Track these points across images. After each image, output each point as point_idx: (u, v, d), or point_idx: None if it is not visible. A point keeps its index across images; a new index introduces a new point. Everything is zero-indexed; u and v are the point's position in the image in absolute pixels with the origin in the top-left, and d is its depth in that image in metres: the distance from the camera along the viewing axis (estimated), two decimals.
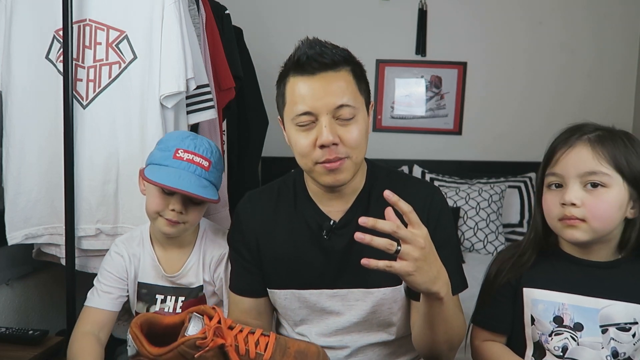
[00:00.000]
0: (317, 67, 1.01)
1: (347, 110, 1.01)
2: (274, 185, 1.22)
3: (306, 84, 1.02)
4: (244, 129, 2.42)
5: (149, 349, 0.78)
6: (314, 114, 1.02)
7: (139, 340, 0.79)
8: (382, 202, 1.12)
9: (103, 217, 1.62)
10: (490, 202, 2.78)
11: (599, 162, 0.95)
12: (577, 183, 0.97)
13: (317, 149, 1.02)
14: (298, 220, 1.15)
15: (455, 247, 1.15)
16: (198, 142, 1.26)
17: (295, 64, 1.03)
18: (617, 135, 0.99)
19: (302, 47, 1.03)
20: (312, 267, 1.12)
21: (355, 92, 1.04)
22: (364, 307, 1.12)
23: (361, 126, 1.04)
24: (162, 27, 1.58)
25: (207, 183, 1.24)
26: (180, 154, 1.23)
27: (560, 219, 0.99)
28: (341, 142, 1.02)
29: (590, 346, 0.99)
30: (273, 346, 0.83)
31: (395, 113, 3.17)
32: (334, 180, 1.05)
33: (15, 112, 1.60)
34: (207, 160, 1.25)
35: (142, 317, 0.83)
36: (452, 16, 3.11)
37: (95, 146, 1.60)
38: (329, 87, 1.01)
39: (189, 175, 1.21)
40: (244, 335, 0.83)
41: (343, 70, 1.03)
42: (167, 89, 1.58)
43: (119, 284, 1.33)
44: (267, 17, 3.10)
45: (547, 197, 1.02)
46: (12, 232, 1.61)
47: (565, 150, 0.98)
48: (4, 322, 1.77)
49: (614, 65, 3.12)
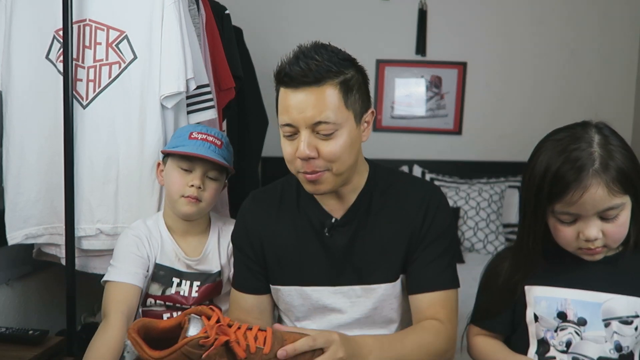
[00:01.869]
0: (300, 82, 1.01)
1: (325, 126, 1.01)
2: (277, 184, 1.24)
3: (289, 96, 1.02)
4: (244, 129, 2.42)
5: (150, 353, 0.78)
6: (294, 127, 1.03)
7: (139, 345, 0.79)
8: (383, 201, 1.14)
9: (103, 217, 1.61)
10: (490, 202, 2.78)
11: (615, 197, 0.93)
12: (595, 218, 0.96)
13: (298, 159, 1.04)
14: (301, 218, 1.16)
15: (449, 245, 1.15)
16: (209, 129, 1.41)
17: (278, 76, 1.04)
18: (610, 145, 0.95)
19: (288, 60, 1.03)
20: (314, 264, 1.14)
21: (338, 108, 1.02)
22: (367, 303, 1.13)
23: (344, 140, 1.03)
24: (162, 27, 1.57)
25: (221, 158, 1.37)
26: (195, 134, 1.37)
27: (580, 248, 0.99)
28: (319, 155, 1.03)
29: (593, 340, 1.00)
30: (271, 340, 0.85)
31: (395, 113, 3.18)
32: (314, 190, 1.08)
33: (16, 112, 1.59)
34: (220, 140, 1.38)
35: (138, 323, 0.83)
36: (452, 16, 3.11)
37: (95, 146, 1.60)
38: (309, 102, 1.00)
39: (205, 148, 1.35)
40: (243, 331, 0.84)
41: (327, 84, 1.01)
42: (167, 89, 1.58)
43: (139, 262, 1.34)
44: (267, 17, 3.10)
45: (562, 229, 0.99)
46: (12, 232, 1.61)
47: (580, 193, 0.93)
48: (4, 322, 1.77)
49: (614, 65, 3.12)
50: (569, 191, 0.93)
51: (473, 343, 1.14)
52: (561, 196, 0.95)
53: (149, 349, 0.78)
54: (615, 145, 0.96)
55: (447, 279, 1.12)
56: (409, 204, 1.13)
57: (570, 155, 0.94)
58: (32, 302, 1.93)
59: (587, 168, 0.93)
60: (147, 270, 1.36)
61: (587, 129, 0.98)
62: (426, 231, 1.12)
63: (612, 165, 0.93)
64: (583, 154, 0.94)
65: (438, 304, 1.09)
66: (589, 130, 0.98)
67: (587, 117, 1.05)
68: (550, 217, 1.00)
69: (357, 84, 1.06)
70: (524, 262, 1.05)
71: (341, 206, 1.15)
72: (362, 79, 1.08)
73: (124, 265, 1.33)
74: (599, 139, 0.96)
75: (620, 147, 0.96)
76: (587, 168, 0.93)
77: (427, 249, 1.11)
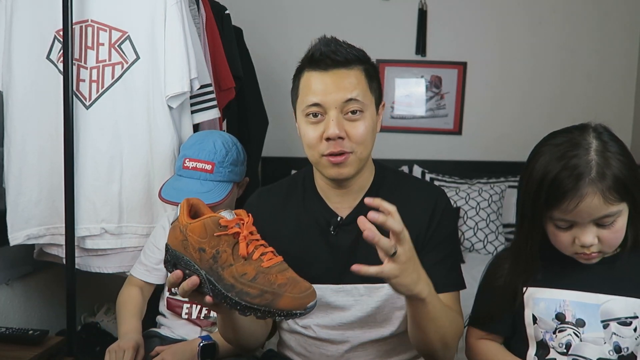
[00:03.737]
0: (330, 63, 1.05)
1: (355, 104, 1.05)
2: (283, 182, 1.26)
3: (318, 79, 1.06)
4: (244, 129, 2.42)
5: (185, 217, 0.93)
6: (323, 107, 1.05)
7: (182, 209, 0.94)
8: (389, 201, 1.13)
9: (107, 216, 1.62)
10: (490, 202, 2.78)
11: (611, 205, 0.93)
12: (591, 225, 0.96)
13: (324, 141, 1.06)
14: (306, 216, 1.17)
15: (454, 247, 1.17)
16: (203, 146, 1.44)
17: (310, 59, 1.07)
18: (608, 152, 0.94)
19: (318, 44, 1.08)
20: (318, 262, 1.14)
21: (365, 90, 1.07)
22: (370, 302, 1.13)
23: (368, 123, 1.07)
24: (164, 27, 1.58)
25: (212, 185, 1.41)
26: (187, 163, 1.44)
27: (576, 252, 1.00)
28: (347, 136, 1.06)
29: (593, 342, 1.00)
30: (275, 263, 0.90)
31: (395, 113, 3.18)
32: (337, 174, 1.09)
33: (17, 113, 1.60)
34: (210, 164, 1.42)
35: (194, 200, 0.98)
36: (452, 16, 3.11)
37: (99, 146, 1.60)
38: (340, 83, 1.05)
39: (194, 183, 1.41)
40: (259, 243, 0.93)
41: (355, 68, 1.07)
42: (172, 89, 1.58)
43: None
44: (267, 17, 3.10)
45: (558, 234, 0.99)
46: (14, 232, 1.61)
47: (576, 202, 0.93)
48: (4, 322, 1.77)
49: (614, 65, 3.12)
50: (566, 200, 0.93)
51: (473, 346, 1.14)
52: (558, 204, 0.94)
53: (187, 215, 0.94)
54: (613, 152, 0.95)
55: (451, 281, 1.12)
56: (415, 206, 1.13)
57: (568, 163, 0.94)
58: (32, 302, 1.93)
59: (584, 177, 0.92)
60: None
61: (585, 134, 0.97)
62: (432, 234, 1.12)
63: (608, 174, 0.92)
64: (580, 162, 0.93)
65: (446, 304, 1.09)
66: (587, 135, 0.97)
67: (587, 117, 1.04)
68: (547, 222, 1.00)
69: (376, 75, 1.13)
70: (524, 268, 1.06)
71: (347, 205, 1.16)
72: (375, 73, 1.13)
73: (148, 262, 1.48)
74: (596, 145, 0.95)
75: (618, 154, 0.95)
76: (584, 177, 0.92)
77: (432, 252, 1.11)
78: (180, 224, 0.93)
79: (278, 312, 0.85)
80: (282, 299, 0.85)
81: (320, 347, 1.17)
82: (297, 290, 0.86)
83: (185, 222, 0.92)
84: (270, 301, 0.85)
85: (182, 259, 0.92)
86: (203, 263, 0.89)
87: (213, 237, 0.89)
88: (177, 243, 0.93)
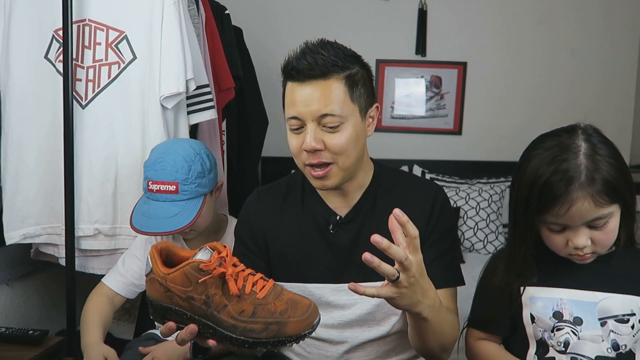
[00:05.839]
0: (307, 75, 1.03)
1: (331, 119, 1.03)
2: (282, 181, 1.25)
3: (296, 90, 1.05)
4: (244, 129, 2.42)
5: (161, 268, 0.86)
6: (301, 120, 1.05)
7: (154, 260, 0.88)
8: (388, 199, 1.14)
9: (101, 217, 1.61)
10: (490, 202, 2.78)
11: (602, 208, 0.93)
12: (583, 227, 0.96)
13: (304, 152, 1.05)
14: (305, 215, 1.17)
15: (452, 244, 1.17)
16: (163, 165, 1.36)
17: (285, 70, 1.06)
18: (597, 156, 0.94)
19: (293, 56, 1.05)
20: (318, 261, 1.14)
21: (343, 101, 1.04)
22: (370, 300, 1.13)
23: (349, 133, 1.05)
24: (162, 27, 1.58)
25: (181, 206, 1.34)
26: (151, 186, 1.37)
27: (570, 254, 1.00)
28: (326, 148, 1.04)
29: (590, 340, 1.00)
30: (269, 290, 0.88)
31: (395, 113, 3.17)
32: (321, 185, 1.09)
33: (14, 112, 1.59)
34: (173, 184, 1.35)
35: (162, 244, 0.92)
36: (452, 16, 3.11)
37: (94, 146, 1.60)
38: (316, 96, 1.03)
39: (161, 207, 1.35)
40: (245, 274, 0.89)
41: (333, 78, 1.04)
42: (167, 89, 1.58)
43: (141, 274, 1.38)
44: (267, 17, 3.10)
45: (551, 236, 1.00)
46: (10, 231, 1.61)
47: (567, 207, 0.93)
48: (4, 322, 1.77)
49: (614, 65, 3.12)
50: (557, 204, 0.93)
51: (473, 347, 1.14)
52: (549, 208, 0.94)
53: (161, 265, 0.87)
54: (603, 155, 0.94)
55: (449, 277, 1.13)
56: (413, 203, 1.13)
57: (558, 168, 0.94)
58: (32, 302, 1.93)
59: (574, 182, 0.92)
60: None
61: (574, 137, 0.97)
62: (431, 230, 1.12)
63: (598, 177, 0.92)
64: (570, 166, 0.93)
65: (443, 301, 1.09)
66: (575, 138, 0.96)
67: (587, 117, 1.04)
68: (540, 225, 1.00)
69: (362, 79, 1.08)
70: (519, 270, 1.06)
71: (346, 204, 1.15)
72: (367, 74, 1.10)
73: (123, 272, 1.44)
74: (585, 148, 0.95)
75: (608, 156, 0.94)
76: (574, 182, 0.92)
77: (431, 248, 1.11)
78: (157, 275, 0.86)
79: (288, 340, 0.84)
80: (288, 326, 0.84)
81: (320, 347, 1.17)
82: (300, 312, 0.85)
83: (163, 274, 0.86)
84: (277, 331, 0.84)
85: (171, 310, 0.86)
86: (195, 310, 0.85)
87: (198, 284, 0.84)
88: (159, 296, 0.87)
